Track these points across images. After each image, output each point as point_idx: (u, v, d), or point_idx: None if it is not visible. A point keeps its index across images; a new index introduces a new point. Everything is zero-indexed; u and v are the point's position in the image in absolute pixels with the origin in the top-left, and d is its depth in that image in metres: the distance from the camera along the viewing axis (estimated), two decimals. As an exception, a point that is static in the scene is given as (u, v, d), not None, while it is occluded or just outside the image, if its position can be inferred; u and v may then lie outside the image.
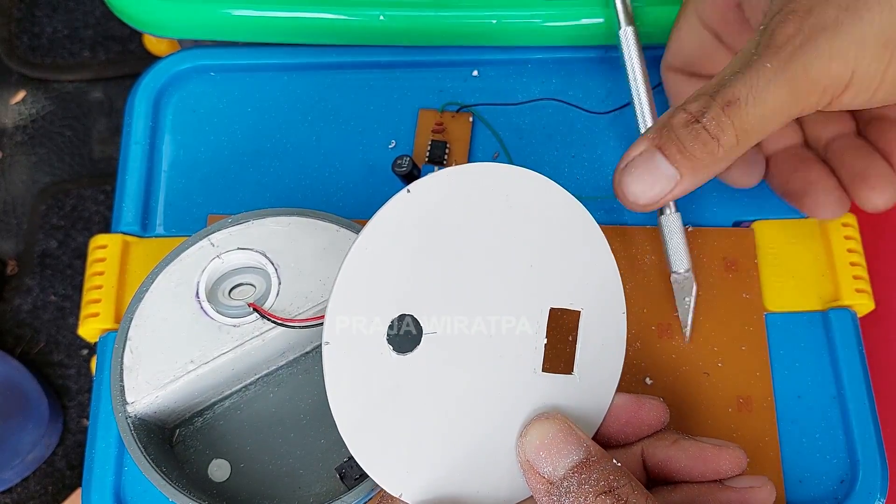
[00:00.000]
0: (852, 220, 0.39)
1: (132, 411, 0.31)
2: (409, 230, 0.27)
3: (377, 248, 0.27)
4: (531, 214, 0.28)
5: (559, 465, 0.26)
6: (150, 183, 0.41)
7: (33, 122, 0.83)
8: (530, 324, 0.28)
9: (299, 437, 0.34)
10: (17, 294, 0.77)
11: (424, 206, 0.27)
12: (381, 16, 0.40)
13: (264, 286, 0.33)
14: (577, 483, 0.26)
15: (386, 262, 0.27)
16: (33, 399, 0.71)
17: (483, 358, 0.28)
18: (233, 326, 0.32)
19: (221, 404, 0.34)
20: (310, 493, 0.33)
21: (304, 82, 0.42)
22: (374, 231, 0.27)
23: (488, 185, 0.28)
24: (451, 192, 0.27)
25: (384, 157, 0.40)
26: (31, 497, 0.72)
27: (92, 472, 0.35)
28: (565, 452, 0.27)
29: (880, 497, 0.34)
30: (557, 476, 0.26)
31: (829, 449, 0.35)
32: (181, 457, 0.34)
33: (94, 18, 0.86)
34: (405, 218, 0.27)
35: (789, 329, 0.37)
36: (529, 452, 0.27)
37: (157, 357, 0.32)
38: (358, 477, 0.32)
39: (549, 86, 0.42)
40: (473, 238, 0.28)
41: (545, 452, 0.27)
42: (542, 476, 0.27)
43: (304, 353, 0.35)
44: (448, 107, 0.41)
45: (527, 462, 0.27)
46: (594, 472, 0.26)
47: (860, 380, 0.36)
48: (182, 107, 0.42)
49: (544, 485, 0.27)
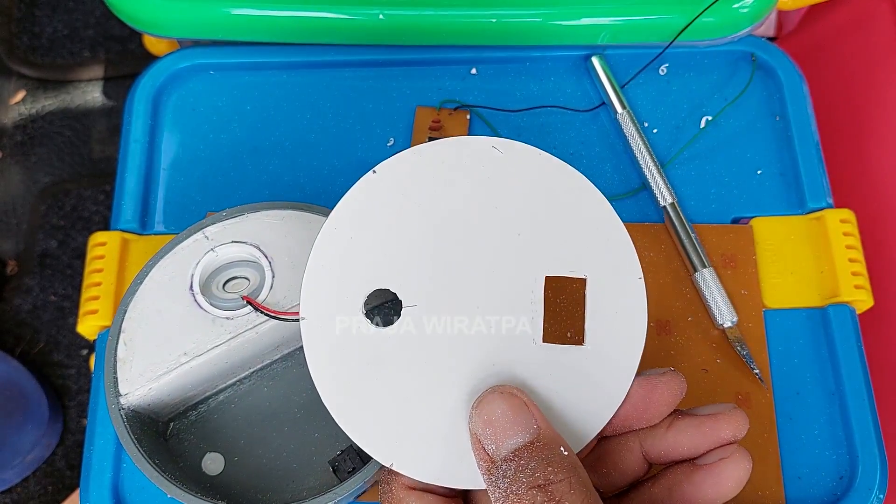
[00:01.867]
0: (851, 216, 0.39)
1: (125, 403, 0.31)
2: (380, 208, 0.27)
3: (348, 228, 0.27)
4: (515, 183, 0.28)
5: (502, 445, 0.25)
6: (150, 181, 0.41)
7: (33, 122, 0.83)
8: (526, 294, 0.27)
9: (293, 430, 0.34)
10: (17, 294, 0.77)
11: (393, 183, 0.27)
12: (380, 14, 0.40)
13: (258, 279, 0.33)
14: (513, 469, 0.24)
15: (359, 241, 0.27)
16: (33, 399, 0.71)
17: (472, 330, 0.27)
18: (226, 319, 0.32)
19: (215, 398, 0.34)
20: (303, 486, 0.33)
21: (302, 81, 0.42)
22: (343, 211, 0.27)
23: (463, 159, 0.28)
24: (420, 169, 0.27)
25: (383, 155, 0.40)
26: (31, 497, 0.72)
27: (90, 469, 0.35)
28: (511, 433, 0.25)
29: (879, 493, 0.34)
30: (500, 456, 0.25)
31: (828, 445, 0.35)
32: (175, 450, 0.34)
33: (94, 18, 0.86)
34: (374, 197, 0.27)
35: (788, 325, 0.37)
36: (476, 426, 0.25)
37: (151, 349, 0.32)
38: (351, 470, 0.32)
39: (548, 84, 0.42)
40: (451, 211, 0.27)
41: (491, 429, 0.25)
42: (486, 453, 0.25)
43: (299, 347, 0.35)
44: (446, 104, 0.41)
45: (474, 435, 0.26)
46: (533, 461, 0.24)
47: (859, 376, 0.36)
48: (181, 105, 0.42)
49: (486, 462, 0.25)
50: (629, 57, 0.42)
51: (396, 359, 0.27)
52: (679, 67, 0.42)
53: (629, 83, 0.41)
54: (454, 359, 0.27)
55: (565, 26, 0.41)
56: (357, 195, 0.28)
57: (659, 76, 0.42)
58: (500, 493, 0.24)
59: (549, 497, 0.23)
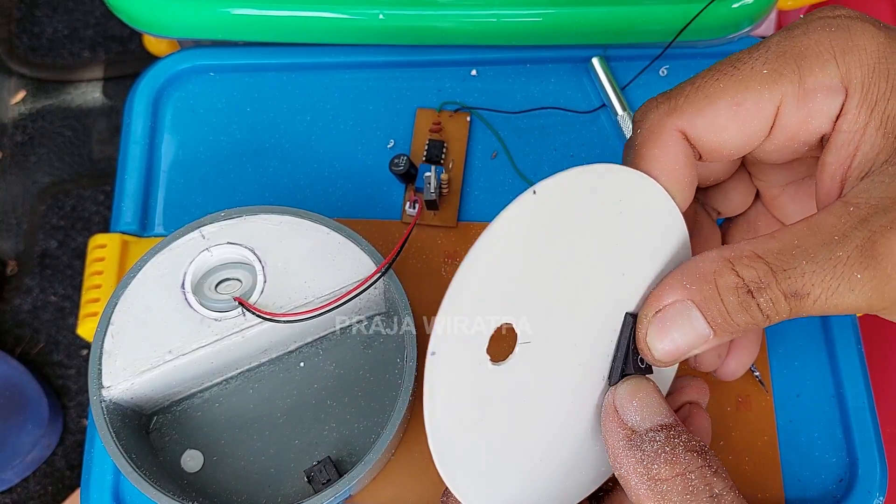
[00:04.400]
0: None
1: (107, 396, 0.31)
2: (528, 234, 0.25)
3: (495, 251, 0.25)
4: (644, 227, 0.27)
5: (647, 419, 0.26)
6: (150, 182, 0.41)
7: (33, 122, 0.83)
8: (612, 333, 0.27)
9: (274, 435, 0.34)
10: (17, 294, 0.77)
11: (547, 209, 0.25)
12: (380, 15, 0.40)
13: (250, 282, 0.33)
14: (664, 437, 0.25)
15: (500, 268, 0.25)
16: (33, 399, 0.71)
17: (566, 367, 0.27)
18: (214, 320, 0.32)
19: (201, 395, 0.34)
20: (278, 492, 0.33)
21: (302, 82, 0.42)
22: (498, 232, 0.25)
23: (605, 189, 0.26)
24: (572, 195, 0.25)
25: (383, 157, 0.40)
26: (31, 497, 0.72)
27: (91, 471, 0.35)
28: (656, 411, 0.26)
29: (879, 495, 0.34)
30: (643, 427, 0.26)
31: (828, 447, 0.35)
32: (156, 444, 0.34)
33: (94, 18, 0.86)
34: (527, 222, 0.25)
35: (788, 327, 0.37)
36: (620, 399, 0.26)
37: (137, 344, 0.32)
38: (326, 481, 0.32)
39: (548, 85, 0.42)
40: (581, 246, 0.26)
41: (638, 402, 0.26)
42: (625, 423, 0.26)
43: (287, 351, 0.35)
44: (446, 106, 0.41)
45: (612, 406, 0.26)
46: (683, 436, 0.25)
47: (859, 378, 0.36)
48: (181, 106, 0.42)
49: (626, 432, 0.26)
50: (629, 58, 0.42)
51: (502, 401, 0.26)
52: (680, 69, 0.42)
53: (629, 84, 0.41)
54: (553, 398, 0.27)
55: (565, 26, 0.40)
56: (517, 214, 0.25)
57: (660, 77, 0.42)
58: (642, 455, 0.25)
59: (707, 463, 0.24)
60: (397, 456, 0.35)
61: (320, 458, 0.33)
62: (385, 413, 0.34)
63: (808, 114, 0.26)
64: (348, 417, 0.34)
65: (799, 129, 0.26)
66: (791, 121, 0.26)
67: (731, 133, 0.26)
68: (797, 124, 0.26)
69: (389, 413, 0.32)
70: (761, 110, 0.26)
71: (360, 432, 0.34)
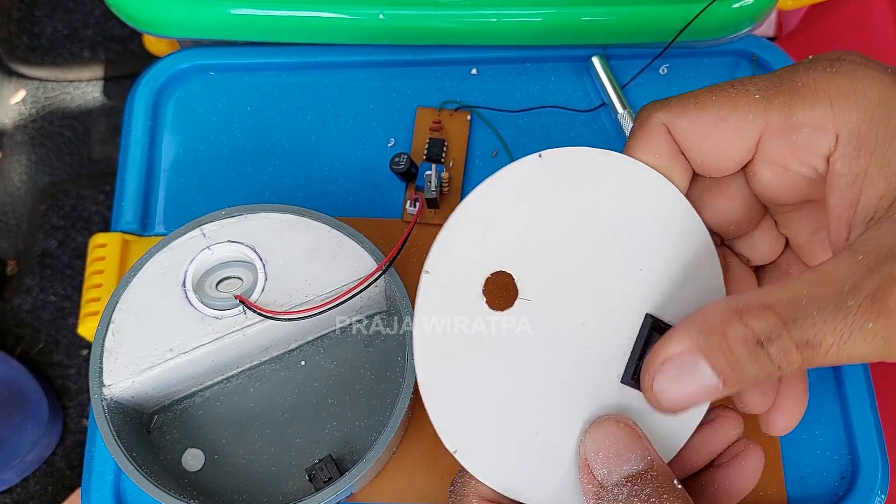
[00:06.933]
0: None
1: (108, 394, 0.31)
2: (533, 192, 0.27)
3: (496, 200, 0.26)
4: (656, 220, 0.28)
5: (614, 472, 0.26)
6: (150, 182, 0.41)
7: (33, 122, 0.83)
8: (626, 327, 0.27)
9: (275, 434, 0.34)
10: (17, 294, 0.77)
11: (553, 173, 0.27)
12: (380, 15, 0.40)
13: (251, 280, 0.33)
14: (626, 493, 0.25)
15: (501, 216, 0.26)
16: (33, 399, 0.71)
17: (570, 344, 0.27)
18: (215, 319, 0.32)
19: (202, 394, 0.34)
20: (280, 491, 0.33)
21: (303, 82, 0.42)
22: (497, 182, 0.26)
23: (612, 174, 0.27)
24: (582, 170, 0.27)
25: (384, 156, 0.40)
26: (31, 497, 0.72)
27: (92, 470, 0.35)
28: (624, 459, 0.26)
29: (881, 493, 0.34)
30: (610, 481, 0.26)
31: (829, 445, 0.35)
32: (157, 443, 0.34)
33: (94, 18, 0.86)
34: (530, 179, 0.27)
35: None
36: (588, 450, 0.26)
37: (138, 342, 0.32)
38: (327, 479, 0.32)
39: (548, 84, 0.42)
40: (592, 221, 0.27)
41: (604, 454, 0.26)
42: (594, 477, 0.26)
43: (288, 350, 0.35)
44: (446, 105, 0.41)
45: (584, 459, 0.27)
46: (648, 488, 0.25)
47: (860, 376, 0.36)
48: (181, 106, 0.42)
49: (595, 487, 0.26)
50: (629, 57, 0.42)
51: (494, 347, 0.27)
52: (679, 67, 0.42)
53: (630, 83, 0.41)
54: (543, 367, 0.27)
55: (565, 26, 0.40)
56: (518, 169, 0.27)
57: (660, 76, 0.42)
58: None
59: None
60: (398, 454, 0.35)
61: (321, 456, 0.33)
62: (386, 411, 0.34)
63: (794, 146, 0.26)
64: (349, 416, 0.34)
65: (786, 161, 0.26)
66: (775, 149, 0.26)
67: (711, 143, 0.27)
68: (783, 154, 0.26)
69: (390, 411, 0.32)
70: (743, 130, 0.26)
71: (362, 430, 0.34)
